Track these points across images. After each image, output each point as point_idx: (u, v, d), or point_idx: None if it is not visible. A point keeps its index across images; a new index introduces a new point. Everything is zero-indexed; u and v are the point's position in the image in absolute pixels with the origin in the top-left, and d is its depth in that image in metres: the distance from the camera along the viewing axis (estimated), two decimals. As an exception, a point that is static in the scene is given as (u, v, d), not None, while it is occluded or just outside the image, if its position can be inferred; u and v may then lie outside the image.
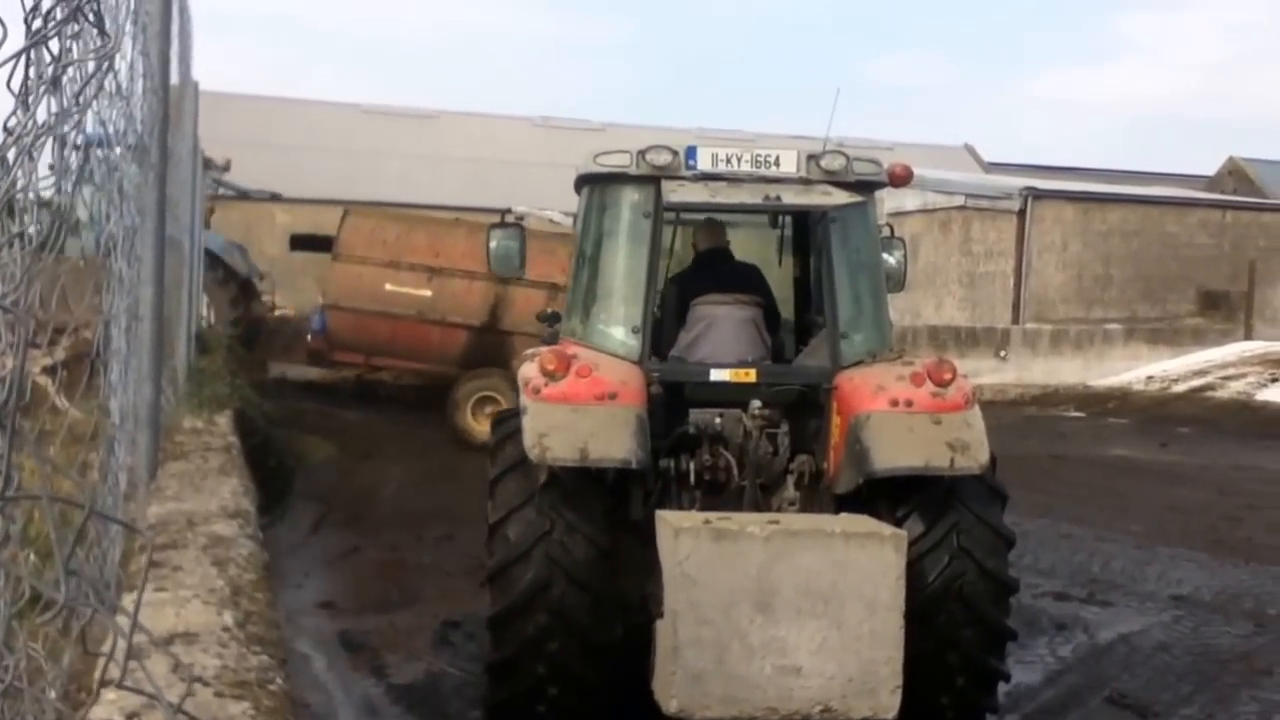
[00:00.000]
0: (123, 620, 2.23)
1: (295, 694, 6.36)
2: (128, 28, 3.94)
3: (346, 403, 19.90)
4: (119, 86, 3.81)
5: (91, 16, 2.52)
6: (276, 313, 25.98)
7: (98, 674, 3.03)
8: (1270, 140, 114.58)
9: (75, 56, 2.31)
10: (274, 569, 8.95)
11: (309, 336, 18.39)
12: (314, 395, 19.66)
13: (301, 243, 32.44)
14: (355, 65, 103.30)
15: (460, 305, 17.32)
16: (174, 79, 6.92)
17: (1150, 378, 27.30)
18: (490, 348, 17.27)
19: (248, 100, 35.03)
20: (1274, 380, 25.10)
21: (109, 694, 3.39)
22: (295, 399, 19.42)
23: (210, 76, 13.38)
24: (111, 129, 3.79)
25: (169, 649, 4.28)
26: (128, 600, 4.23)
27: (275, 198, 23.15)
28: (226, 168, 19.63)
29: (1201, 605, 9.43)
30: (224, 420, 10.91)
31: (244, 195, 19.84)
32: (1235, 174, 43.99)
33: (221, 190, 20.20)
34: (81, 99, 2.46)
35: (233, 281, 17.84)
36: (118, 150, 4.34)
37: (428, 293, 17.33)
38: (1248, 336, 29.85)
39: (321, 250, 32.72)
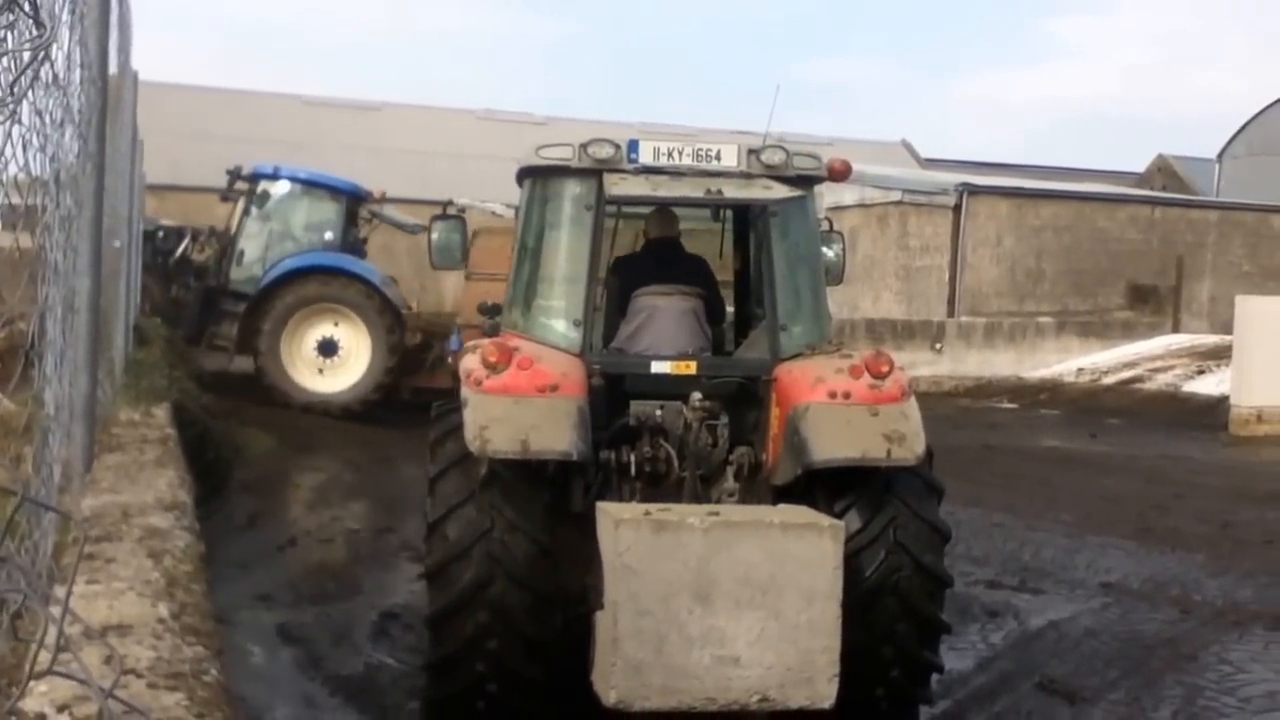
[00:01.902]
0: (55, 611, 2.24)
1: (231, 686, 6.34)
2: (65, 17, 3.90)
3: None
4: (55, 77, 3.77)
5: (27, 6, 2.51)
6: None
7: (28, 665, 3.01)
8: (1198, 139, 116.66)
9: (10, 47, 2.30)
10: (211, 561, 8.88)
11: (449, 357, 17.54)
12: (254, 387, 19.44)
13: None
14: (297, 57, 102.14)
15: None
16: (113, 69, 6.84)
17: (1081, 370, 27.77)
18: None
19: (188, 91, 34.56)
20: (1201, 372, 25.63)
21: (40, 686, 3.37)
22: (235, 391, 19.23)
23: (151, 67, 13.18)
24: (48, 119, 3.75)
25: (103, 640, 4.25)
26: (61, 591, 4.20)
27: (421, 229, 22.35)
28: (383, 199, 19.20)
29: (1129, 592, 9.63)
30: (161, 412, 10.79)
31: (400, 227, 19.30)
32: (1164, 171, 44.84)
33: (376, 222, 19.68)
34: (16, 89, 2.45)
35: (389, 312, 17.46)
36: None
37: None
38: (1175, 329, 30.46)
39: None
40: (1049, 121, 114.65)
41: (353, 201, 18.75)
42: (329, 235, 18.23)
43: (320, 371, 17.70)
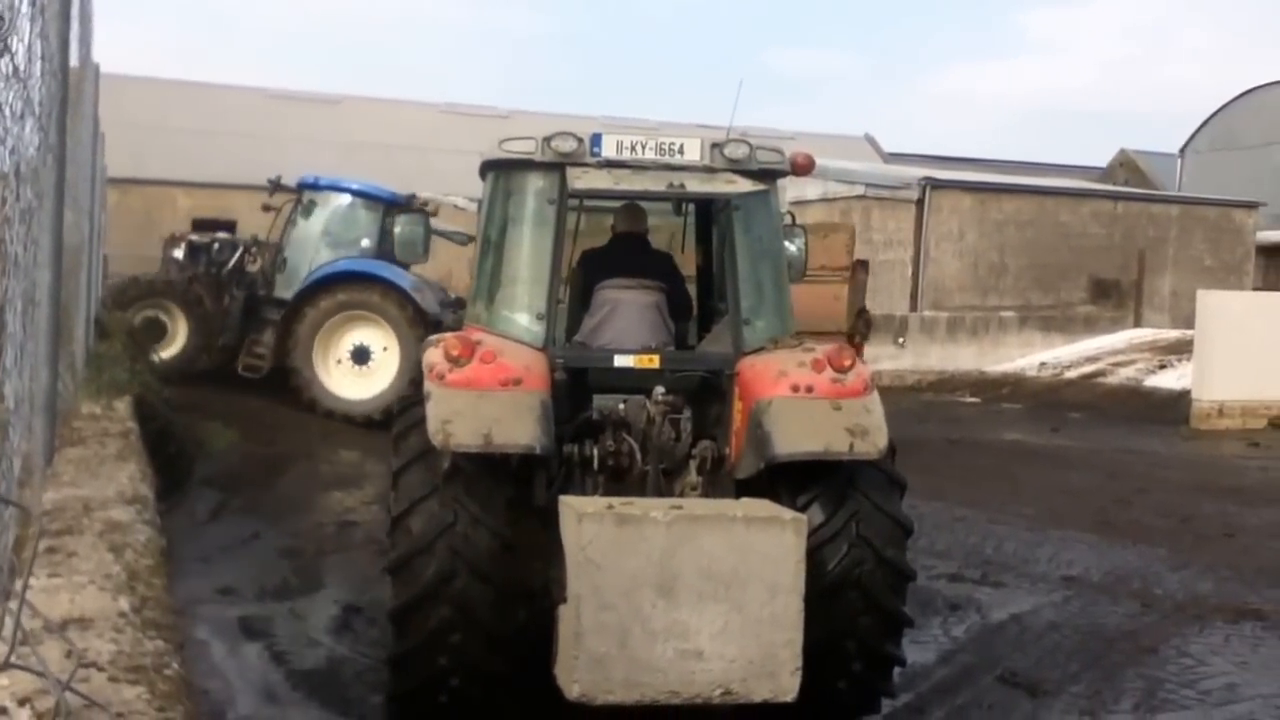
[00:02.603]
0: (14, 605, 2.22)
1: (193, 680, 6.30)
2: (25, 9, 3.86)
3: (249, 389, 19.59)
4: (16, 69, 3.73)
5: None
6: None
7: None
8: (1160, 134, 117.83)
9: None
10: (173, 555, 8.81)
11: None
12: (216, 381, 19.29)
13: (203, 227, 31.85)
14: (260, 49, 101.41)
15: None
16: (74, 61, 6.77)
17: (1043, 364, 28.01)
18: None
19: (150, 83, 34.28)
20: (1162, 367, 25.89)
21: (1, 679, 3.35)
22: (198, 385, 19.08)
23: (112, 59, 13.01)
24: (8, 111, 3.71)
25: (62, 634, 4.22)
26: (20, 585, 4.16)
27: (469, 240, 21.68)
28: (434, 212, 19.07)
29: (1090, 586, 9.72)
30: (123, 406, 10.71)
31: (446, 237, 19.01)
32: (1126, 166, 45.25)
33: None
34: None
35: (420, 321, 17.25)
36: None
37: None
38: (1137, 324, 30.77)
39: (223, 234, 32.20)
40: (1013, 116, 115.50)
41: (391, 209, 18.61)
42: (366, 243, 18.15)
43: (354, 378, 17.57)
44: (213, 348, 18.75)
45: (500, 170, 6.65)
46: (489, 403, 5.65)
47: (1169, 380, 24.66)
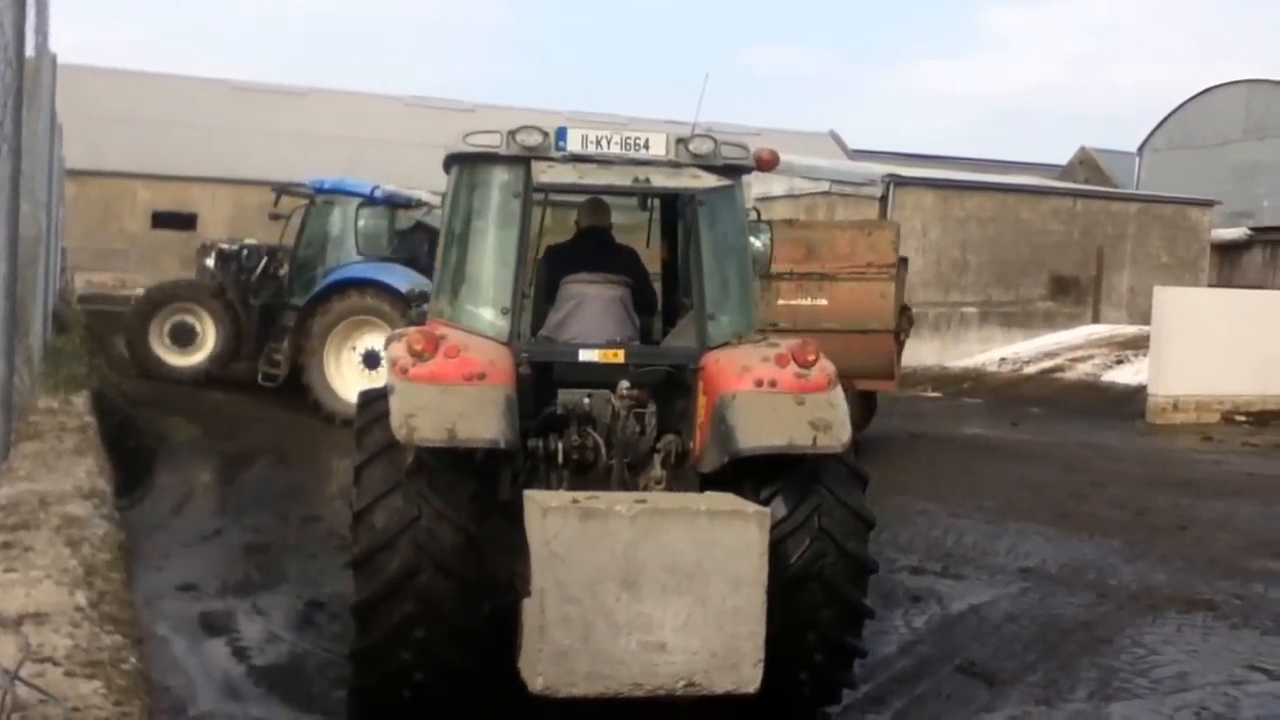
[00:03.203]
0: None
1: (154, 677, 6.28)
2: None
3: (210, 384, 19.48)
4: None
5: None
6: (138, 291, 25.32)
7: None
8: (1120, 132, 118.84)
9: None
10: (133, 551, 8.78)
11: None
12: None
13: (164, 220, 31.62)
14: (223, 41, 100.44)
15: None
16: (30, 51, 6.71)
17: (1003, 359, 28.26)
18: None
19: (110, 75, 33.94)
20: (1119, 362, 26.19)
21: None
22: (159, 380, 18.95)
23: (71, 50, 12.87)
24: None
25: (16, 627, 4.21)
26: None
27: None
28: (428, 212, 18.80)
29: (1047, 577, 9.84)
30: (81, 400, 10.64)
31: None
32: (1086, 164, 45.70)
33: (421, 233, 19.24)
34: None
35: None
36: None
37: None
38: (1095, 320, 31.11)
39: (185, 228, 31.96)
40: (976, 113, 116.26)
41: (401, 210, 18.45)
42: (380, 245, 18.04)
43: (366, 384, 17.46)
44: (241, 355, 18.76)
45: (465, 164, 6.63)
46: (453, 397, 5.64)
47: (1126, 375, 24.95)
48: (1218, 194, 34.78)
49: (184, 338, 18.78)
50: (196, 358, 18.73)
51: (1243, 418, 21.54)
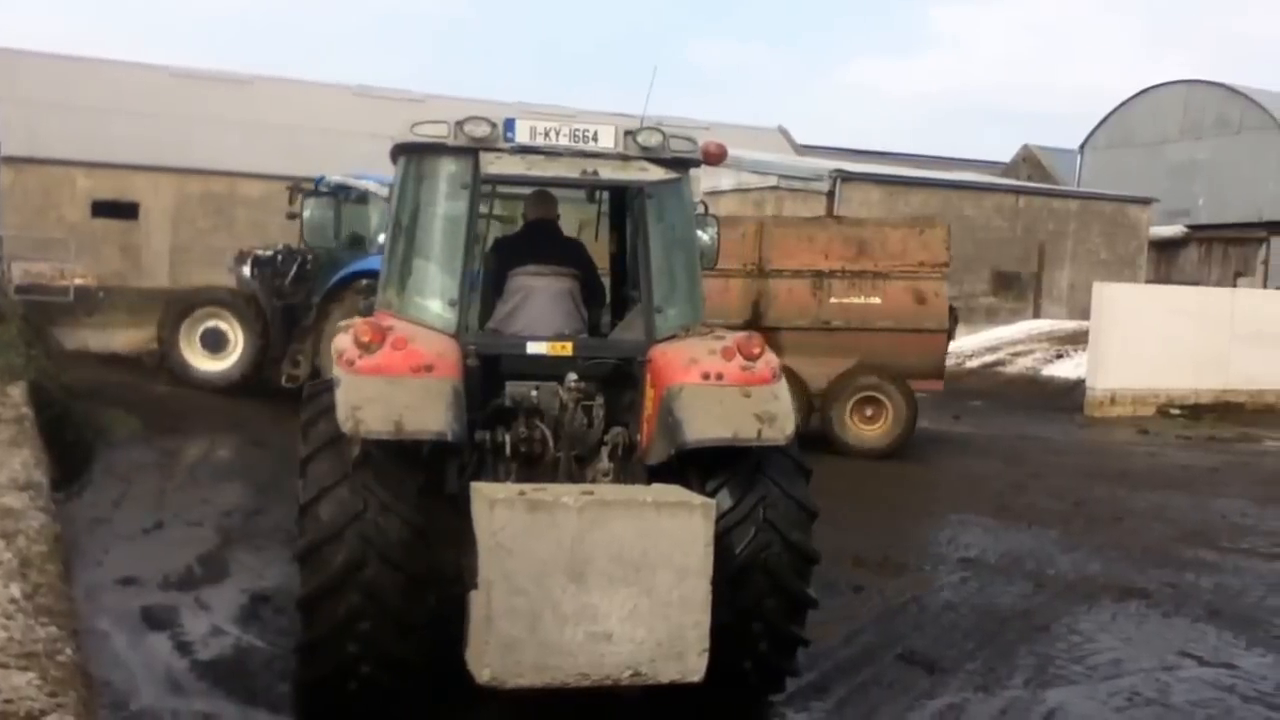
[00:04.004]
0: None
1: (95, 672, 6.24)
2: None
3: (153, 375, 19.25)
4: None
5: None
6: (77, 282, 24.98)
7: None
8: (1061, 130, 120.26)
9: None
10: (73, 544, 8.69)
11: None
12: (118, 368, 18.91)
13: (104, 209, 31.16)
14: (166, 26, 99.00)
15: (718, 307, 16.04)
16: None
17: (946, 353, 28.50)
18: None
19: (47, 60, 33.32)
20: (1059, 356, 26.57)
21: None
22: (99, 371, 18.71)
23: (7, 34, 12.67)
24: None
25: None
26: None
27: None
28: None
29: (987, 567, 10.00)
30: (17, 391, 10.50)
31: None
32: (1029, 161, 46.24)
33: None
34: None
35: None
36: None
37: None
38: (1036, 315, 31.54)
39: (125, 217, 31.51)
40: (921, 110, 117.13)
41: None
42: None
43: None
44: (269, 359, 18.47)
45: (412, 154, 6.60)
46: (400, 389, 5.63)
47: (1065, 370, 25.32)
48: (1156, 192, 35.34)
49: (215, 344, 18.54)
50: (227, 363, 18.48)
51: (1177, 411, 21.95)
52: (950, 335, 16.91)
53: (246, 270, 19.06)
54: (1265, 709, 6.92)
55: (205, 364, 18.54)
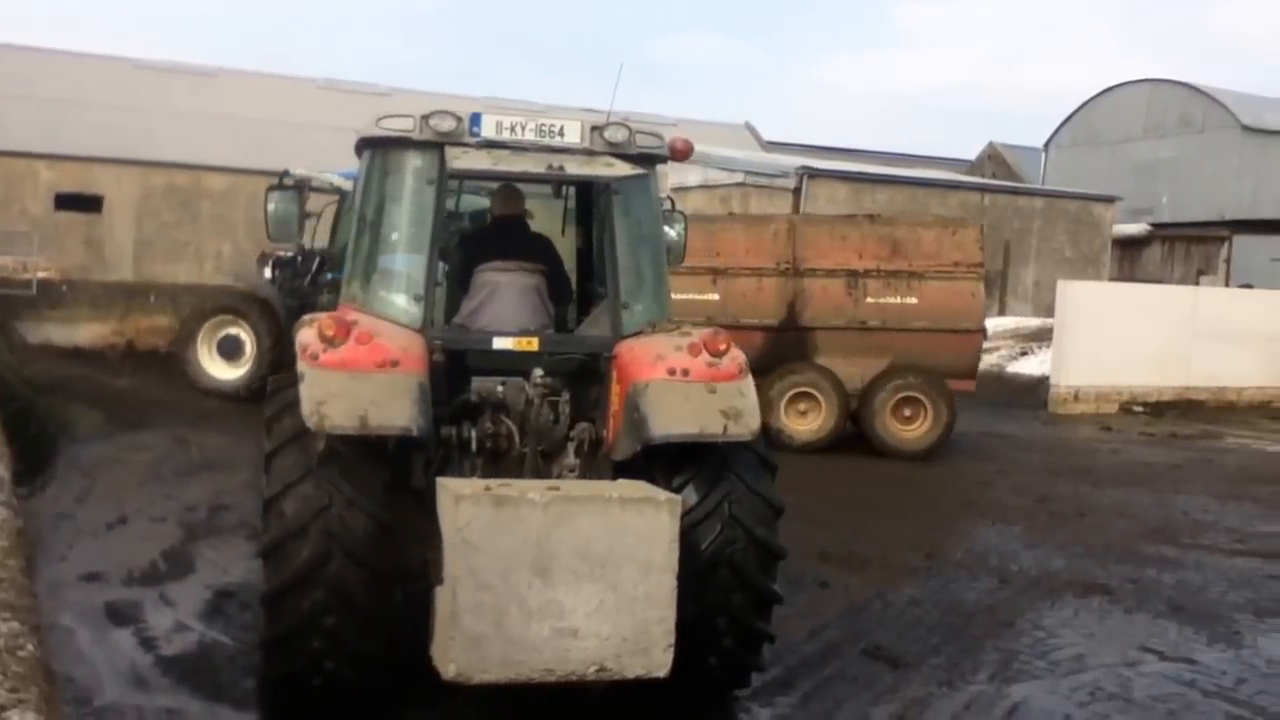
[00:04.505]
0: None
1: (59, 667, 6.20)
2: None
3: (118, 369, 19.09)
4: None
5: None
6: (40, 275, 24.71)
7: None
8: (1026, 128, 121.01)
9: None
10: (36, 539, 8.63)
11: None
12: (82, 362, 18.71)
13: (67, 202, 30.84)
14: (131, 18, 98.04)
15: (752, 305, 16.00)
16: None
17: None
18: (789, 348, 16.01)
19: (8, 51, 32.90)
20: (1024, 353, 26.72)
21: None
22: (62, 365, 18.53)
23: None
24: None
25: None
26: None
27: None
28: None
29: (951, 563, 10.07)
30: (-21, 386, 10.37)
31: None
32: (994, 159, 46.51)
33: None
34: None
35: None
36: None
37: (714, 296, 15.92)
38: (1001, 312, 31.70)
39: (88, 210, 31.20)
40: (888, 107, 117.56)
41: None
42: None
43: None
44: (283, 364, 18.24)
45: (377, 148, 6.56)
46: (365, 384, 5.61)
47: (1030, 366, 25.48)
48: (1119, 190, 35.62)
49: (232, 352, 18.35)
50: (241, 372, 18.31)
51: (1140, 408, 22.16)
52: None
53: (267, 272, 18.91)
54: (1225, 703, 7.00)
55: (221, 372, 18.36)
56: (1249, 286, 27.95)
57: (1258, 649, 8.09)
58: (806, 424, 15.79)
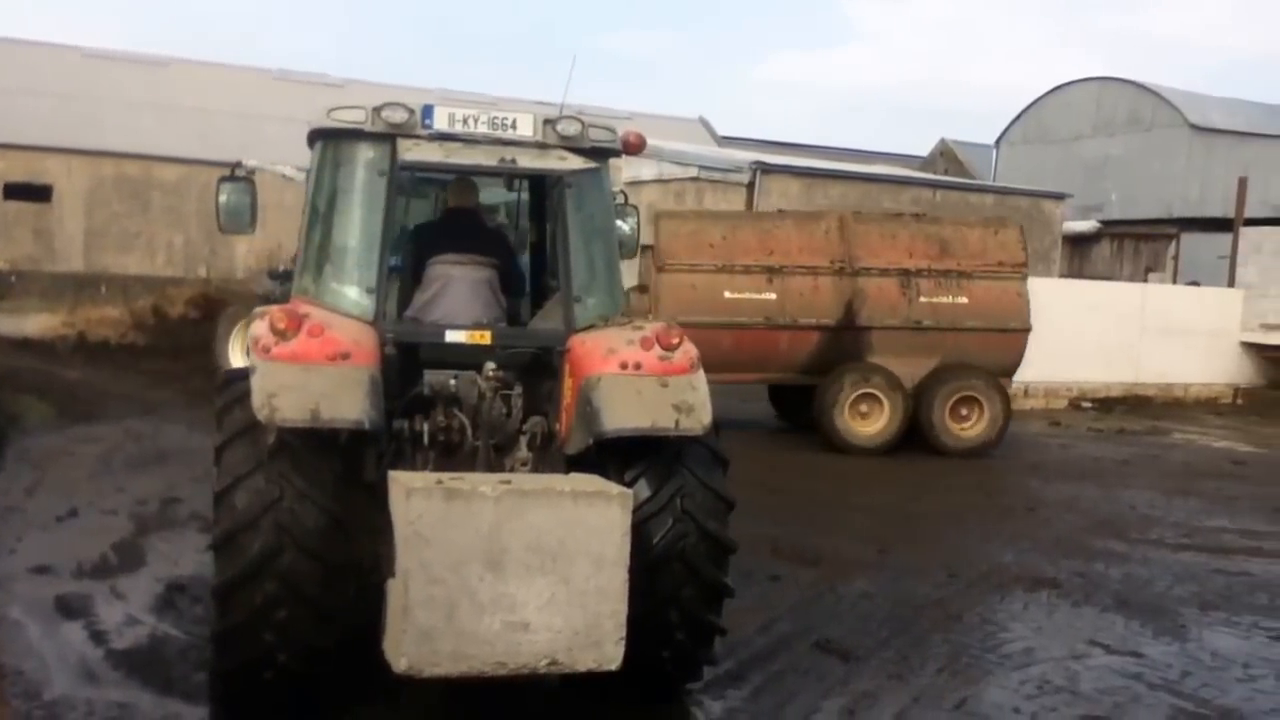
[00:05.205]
0: None
1: (7, 661, 6.16)
2: None
3: (68, 361, 18.87)
4: None
5: None
6: None
7: None
8: (978, 126, 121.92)
9: None
10: (-18, 533, 8.52)
11: None
12: (31, 353, 18.47)
13: (16, 192, 30.44)
14: (80, 6, 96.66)
15: (809, 305, 15.87)
16: None
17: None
18: (844, 348, 15.95)
19: (-46, 39, 32.46)
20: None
21: None
22: (11, 357, 18.30)
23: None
24: None
25: None
26: None
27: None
28: None
29: (902, 557, 10.15)
30: (-76, 378, 10.24)
31: None
32: (946, 155, 46.85)
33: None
34: None
35: None
36: None
37: (772, 295, 15.77)
38: (954, 309, 31.91)
39: (37, 200, 30.80)
40: (842, 103, 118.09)
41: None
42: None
43: None
44: None
45: (329, 139, 6.51)
46: (316, 377, 5.58)
47: (982, 362, 25.67)
48: (1069, 188, 35.94)
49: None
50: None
51: (1089, 404, 22.44)
52: None
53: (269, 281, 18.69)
54: (1170, 696, 7.11)
55: None
56: (1196, 284, 28.31)
57: (1202, 642, 8.23)
58: (868, 426, 15.87)
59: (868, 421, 15.86)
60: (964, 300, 16.30)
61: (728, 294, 15.67)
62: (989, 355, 16.33)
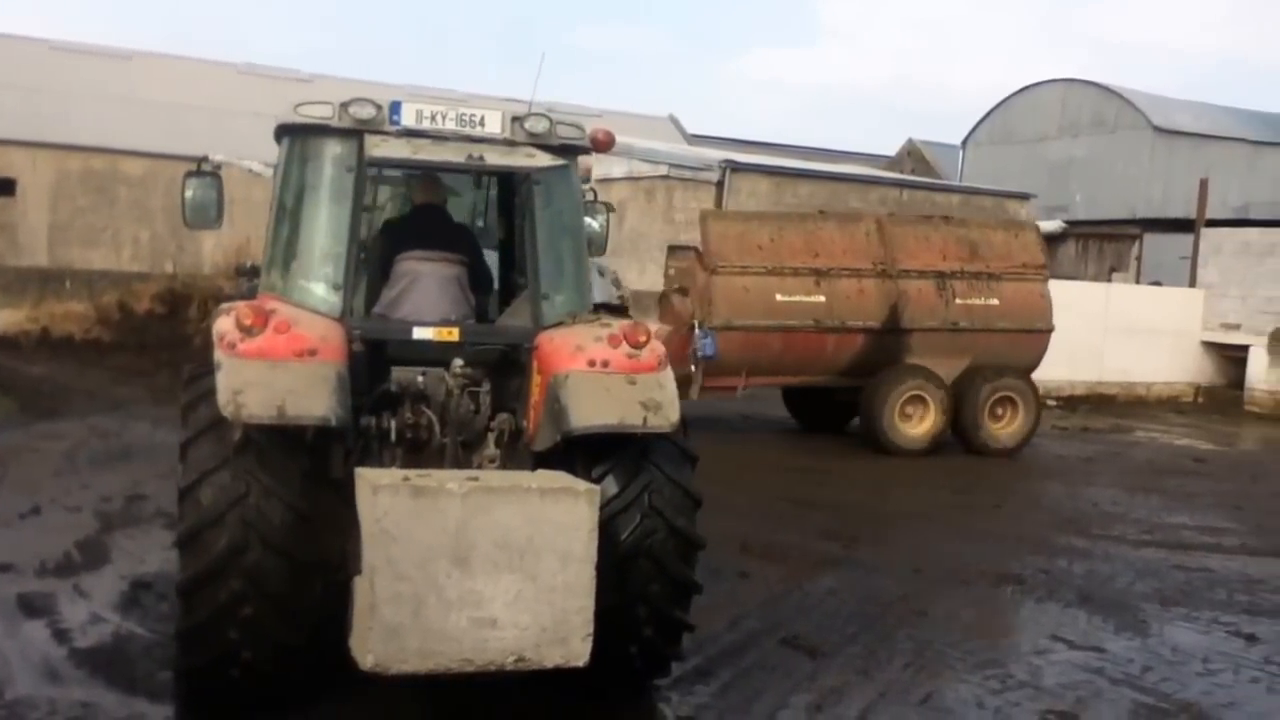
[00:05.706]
0: None
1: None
2: None
3: (32, 356, 18.69)
4: None
5: None
6: None
7: None
8: (945, 126, 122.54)
9: None
10: (-57, 531, 8.43)
11: (693, 365, 15.36)
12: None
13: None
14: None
15: (856, 307, 15.82)
16: None
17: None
18: (887, 350, 15.92)
19: (-87, 28, 32.01)
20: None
21: None
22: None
23: None
24: None
25: None
26: None
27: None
28: None
29: (869, 554, 10.21)
30: (-117, 373, 10.11)
31: None
32: (913, 155, 47.06)
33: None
34: None
35: None
36: None
37: (821, 298, 15.69)
38: (921, 307, 32.07)
39: (1, 194, 30.44)
40: (810, 102, 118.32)
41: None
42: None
43: None
44: None
45: (296, 135, 6.48)
46: (283, 373, 5.56)
47: (949, 360, 25.82)
48: (1035, 188, 36.18)
49: None
50: None
51: (1054, 402, 22.59)
52: None
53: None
54: (1132, 690, 7.18)
55: None
56: (1158, 284, 28.58)
57: (1163, 637, 8.32)
58: (914, 427, 15.91)
59: (912, 424, 15.91)
60: (995, 302, 16.49)
61: (779, 296, 15.65)
62: (1016, 355, 16.60)
